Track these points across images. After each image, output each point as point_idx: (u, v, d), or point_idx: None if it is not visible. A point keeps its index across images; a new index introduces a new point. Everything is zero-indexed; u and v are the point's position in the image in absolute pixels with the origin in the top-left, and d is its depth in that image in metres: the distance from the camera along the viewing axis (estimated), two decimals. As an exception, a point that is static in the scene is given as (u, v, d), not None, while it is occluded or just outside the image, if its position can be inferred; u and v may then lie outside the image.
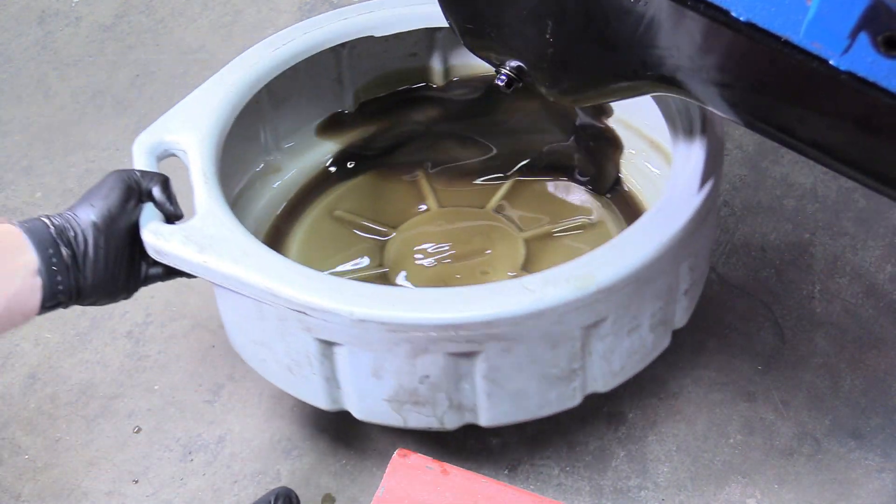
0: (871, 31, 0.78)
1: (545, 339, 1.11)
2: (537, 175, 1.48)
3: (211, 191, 1.19)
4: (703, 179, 1.17)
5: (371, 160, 1.51)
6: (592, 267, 1.09)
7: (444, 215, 1.44)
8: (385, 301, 1.08)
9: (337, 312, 1.07)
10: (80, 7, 1.90)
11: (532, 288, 1.07)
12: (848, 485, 1.27)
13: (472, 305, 1.07)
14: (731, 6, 0.87)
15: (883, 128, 0.86)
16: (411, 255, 1.38)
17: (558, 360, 1.14)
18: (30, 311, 1.03)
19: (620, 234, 1.14)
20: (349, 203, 1.46)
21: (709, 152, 1.20)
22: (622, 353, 1.18)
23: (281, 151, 1.46)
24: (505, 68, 1.14)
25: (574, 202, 1.45)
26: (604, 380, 1.20)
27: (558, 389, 1.17)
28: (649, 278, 1.13)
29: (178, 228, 1.14)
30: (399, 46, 1.45)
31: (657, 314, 1.19)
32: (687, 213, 1.14)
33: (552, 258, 1.36)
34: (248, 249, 1.12)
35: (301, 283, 1.09)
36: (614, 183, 1.44)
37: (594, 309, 1.10)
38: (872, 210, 1.52)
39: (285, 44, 1.37)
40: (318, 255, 1.40)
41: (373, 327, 1.07)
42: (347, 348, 1.12)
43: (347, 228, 1.44)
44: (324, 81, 1.45)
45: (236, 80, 1.32)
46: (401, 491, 0.94)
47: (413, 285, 1.35)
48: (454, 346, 1.09)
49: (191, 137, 1.24)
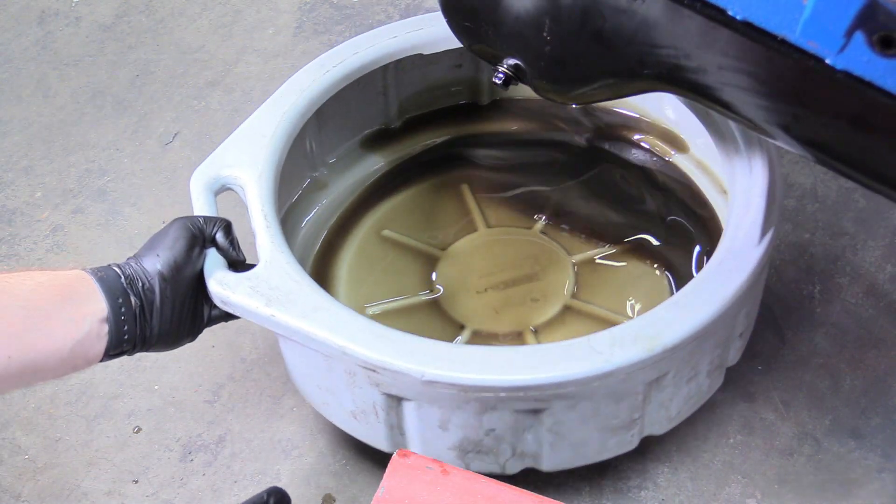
0: (867, 31, 0.78)
1: (610, 395, 1.12)
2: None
3: (274, 236, 1.18)
4: (764, 229, 1.16)
5: (417, 174, 1.50)
6: (659, 327, 1.09)
7: (492, 236, 1.43)
8: (455, 362, 1.08)
9: (407, 373, 1.08)
10: (80, 7, 1.90)
11: (600, 350, 1.08)
12: (848, 485, 1.27)
13: (541, 368, 1.07)
14: (728, 5, 0.87)
15: (878, 126, 0.86)
16: (461, 281, 1.38)
17: (620, 412, 1.15)
18: (93, 358, 1.03)
19: (684, 290, 1.14)
20: (396, 221, 1.45)
21: (770, 197, 1.19)
22: (680, 399, 1.20)
23: (327, 167, 1.46)
24: (503, 66, 1.14)
25: (621, 221, 1.44)
26: (660, 424, 1.22)
27: (618, 437, 1.19)
28: (712, 332, 1.14)
29: (244, 278, 1.13)
30: (444, 58, 1.45)
31: (714, 361, 1.20)
32: (749, 266, 1.14)
33: (602, 286, 1.36)
34: (316, 303, 1.12)
35: (371, 342, 1.09)
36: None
37: (658, 367, 1.11)
38: (872, 210, 1.52)
39: (335, 65, 1.36)
40: (368, 279, 1.39)
41: (442, 387, 1.08)
42: (415, 403, 1.12)
43: (396, 250, 1.43)
44: (369, 95, 1.45)
45: (289, 108, 1.31)
46: (401, 491, 0.94)
47: (464, 314, 1.34)
48: (522, 404, 1.10)
49: (248, 173, 1.24)
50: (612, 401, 1.13)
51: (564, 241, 1.41)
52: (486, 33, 1.13)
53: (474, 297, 1.36)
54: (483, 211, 1.46)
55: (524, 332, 1.32)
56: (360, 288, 1.38)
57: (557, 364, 1.07)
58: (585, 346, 1.08)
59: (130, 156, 1.67)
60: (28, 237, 1.57)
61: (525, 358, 1.09)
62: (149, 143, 1.68)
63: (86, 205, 1.61)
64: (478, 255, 1.41)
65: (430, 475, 0.94)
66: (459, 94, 1.53)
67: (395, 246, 1.43)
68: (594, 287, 1.36)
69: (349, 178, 1.48)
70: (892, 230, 1.49)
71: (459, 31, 1.17)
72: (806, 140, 0.93)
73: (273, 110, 1.31)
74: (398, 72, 1.44)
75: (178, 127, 1.70)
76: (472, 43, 1.17)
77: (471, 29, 1.15)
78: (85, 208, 1.61)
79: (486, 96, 1.53)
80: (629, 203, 1.45)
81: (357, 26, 1.82)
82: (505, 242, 1.42)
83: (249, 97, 1.73)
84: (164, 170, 1.65)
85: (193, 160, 1.64)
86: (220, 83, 1.76)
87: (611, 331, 1.10)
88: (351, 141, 1.49)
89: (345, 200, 1.47)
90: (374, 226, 1.45)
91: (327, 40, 1.80)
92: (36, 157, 1.68)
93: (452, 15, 1.16)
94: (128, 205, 1.61)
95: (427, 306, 1.36)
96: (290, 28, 1.83)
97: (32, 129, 1.72)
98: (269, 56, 1.79)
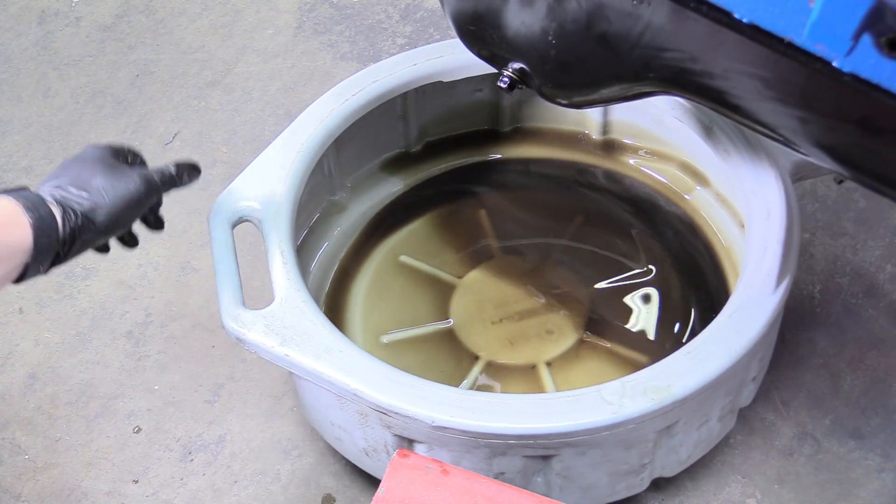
0: (875, 33, 0.77)
1: (620, 443, 1.13)
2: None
3: (289, 273, 1.18)
4: (780, 277, 1.16)
5: (435, 198, 1.50)
6: (669, 378, 1.09)
7: (508, 264, 1.43)
8: (466, 409, 1.08)
9: (418, 418, 1.08)
10: (80, 7, 1.90)
11: (610, 400, 1.08)
12: (848, 485, 1.27)
13: (551, 417, 1.08)
14: (734, 8, 0.87)
15: (885, 129, 0.86)
16: (476, 311, 1.38)
17: (630, 458, 1.16)
18: (18, 249, 0.95)
19: (696, 339, 1.13)
20: (413, 246, 1.45)
21: (787, 243, 1.18)
22: (690, 444, 1.21)
23: (346, 190, 1.46)
24: (508, 70, 1.14)
25: (638, 252, 1.43)
26: (671, 468, 1.23)
27: (628, 481, 1.19)
28: (723, 382, 1.13)
29: (259, 315, 1.14)
30: (464, 84, 1.44)
31: (726, 406, 1.21)
32: (764, 316, 1.14)
33: (618, 318, 1.36)
34: (330, 344, 1.13)
35: (383, 385, 1.10)
36: None
37: (668, 416, 1.11)
38: (872, 210, 1.52)
39: (354, 94, 1.35)
40: (383, 306, 1.39)
41: (452, 433, 1.09)
42: (426, 446, 1.13)
43: (412, 276, 1.42)
44: (389, 120, 1.45)
45: (307, 139, 1.31)
46: (401, 491, 0.94)
47: (479, 345, 1.34)
48: (531, 450, 1.11)
49: (265, 207, 1.24)
50: (622, 448, 1.13)
51: (581, 271, 1.41)
52: (491, 37, 1.13)
53: (489, 328, 1.36)
54: (500, 237, 1.46)
55: (538, 366, 1.32)
56: (375, 314, 1.38)
57: (567, 413, 1.08)
58: (596, 395, 1.08)
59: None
60: (28, 237, 1.57)
61: (535, 406, 1.09)
62: (149, 143, 1.68)
63: (86, 204, 1.61)
64: (493, 283, 1.40)
65: (430, 475, 0.94)
66: (480, 119, 1.52)
67: (412, 272, 1.43)
68: (610, 319, 1.36)
69: (368, 201, 1.48)
70: (892, 230, 1.50)
71: (465, 36, 1.16)
72: (813, 143, 0.93)
73: (291, 141, 1.31)
74: (418, 96, 1.43)
75: (178, 127, 1.70)
76: (478, 47, 1.16)
77: (476, 33, 1.14)
78: (85, 208, 1.60)
79: (507, 123, 1.53)
80: (647, 234, 1.45)
81: (357, 26, 1.82)
82: (521, 271, 1.41)
83: (249, 97, 1.73)
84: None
85: (193, 160, 1.64)
86: (220, 83, 1.76)
87: (622, 380, 1.10)
88: (370, 164, 1.48)
89: (363, 224, 1.46)
90: (392, 251, 1.44)
91: (327, 40, 1.80)
92: (36, 157, 1.67)
93: (458, 19, 1.15)
94: (128, 204, 1.60)
95: (442, 336, 1.36)
96: (290, 28, 1.83)
97: (32, 129, 1.71)
98: (269, 56, 1.79)
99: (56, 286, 1.51)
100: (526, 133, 1.53)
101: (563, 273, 1.41)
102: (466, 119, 1.51)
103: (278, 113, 1.70)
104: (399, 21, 1.83)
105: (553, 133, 1.52)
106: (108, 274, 1.52)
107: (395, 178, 1.50)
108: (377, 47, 1.79)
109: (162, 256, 1.53)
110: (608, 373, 1.30)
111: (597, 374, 1.30)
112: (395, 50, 1.78)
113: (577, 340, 1.33)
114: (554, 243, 1.45)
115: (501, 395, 1.11)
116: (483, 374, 1.31)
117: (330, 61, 1.77)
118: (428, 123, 1.49)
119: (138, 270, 1.52)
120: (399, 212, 1.48)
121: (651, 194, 1.47)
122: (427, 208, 1.49)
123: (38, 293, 1.50)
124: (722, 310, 1.15)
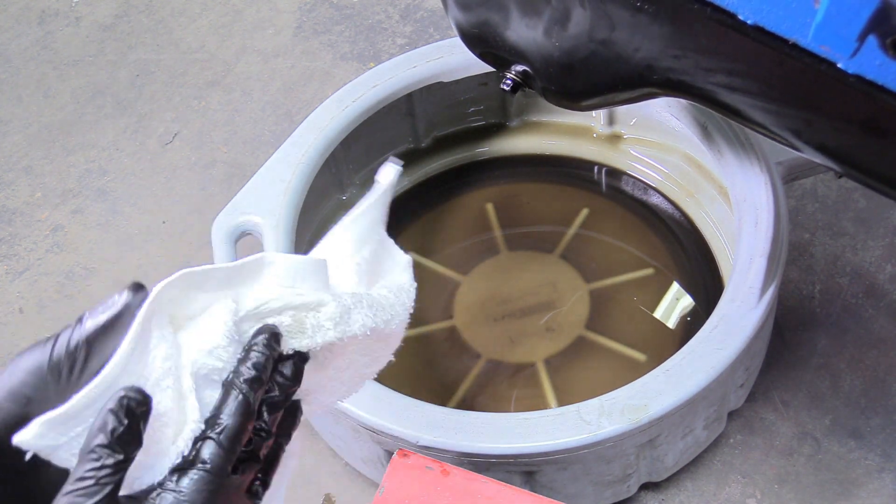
0: (880, 34, 0.77)
1: (600, 459, 1.14)
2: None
3: None
4: (763, 289, 1.16)
5: (442, 193, 1.51)
6: (647, 397, 1.10)
7: (512, 260, 1.43)
8: (449, 430, 1.11)
9: (404, 437, 1.11)
10: (80, 7, 1.90)
11: (588, 419, 1.09)
12: (848, 485, 1.27)
13: (531, 437, 1.10)
14: (739, 9, 0.87)
15: (890, 130, 0.85)
16: (479, 308, 1.39)
17: (613, 470, 1.17)
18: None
19: (677, 355, 1.14)
20: (419, 242, 1.46)
21: (772, 255, 1.19)
22: (676, 453, 1.22)
23: (354, 187, 1.46)
24: (511, 72, 1.14)
25: (640, 249, 1.44)
26: (658, 474, 1.24)
27: (613, 489, 1.21)
28: (703, 397, 1.14)
29: None
30: (469, 79, 1.45)
31: (711, 416, 1.21)
32: (746, 331, 1.14)
33: (618, 315, 1.37)
34: None
35: (371, 405, 1.12)
36: None
37: (648, 433, 1.13)
38: (872, 210, 1.52)
39: (354, 100, 1.36)
40: None
41: (437, 452, 1.11)
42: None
43: (417, 272, 1.42)
44: (395, 118, 1.45)
45: (307, 149, 1.32)
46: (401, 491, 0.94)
47: (481, 343, 1.36)
48: (514, 467, 1.13)
49: (266, 221, 1.25)
50: (603, 462, 1.15)
51: (584, 267, 1.42)
52: (494, 40, 1.13)
53: (491, 325, 1.37)
54: (505, 232, 1.46)
55: (537, 364, 1.34)
56: None
57: (547, 433, 1.10)
58: (574, 415, 1.10)
59: (130, 156, 1.67)
60: (28, 237, 1.57)
61: (516, 426, 1.11)
62: (149, 142, 1.68)
63: (86, 205, 1.61)
64: (497, 279, 1.41)
65: (430, 475, 0.94)
66: (488, 113, 1.53)
67: (417, 268, 1.43)
68: (610, 316, 1.37)
69: None
70: (892, 230, 1.50)
71: (468, 38, 1.16)
72: (817, 145, 0.93)
73: (292, 152, 1.31)
74: (424, 93, 1.44)
75: (178, 127, 1.70)
76: (481, 49, 1.16)
77: (479, 36, 1.14)
78: (85, 208, 1.60)
79: (514, 117, 1.54)
80: (650, 232, 1.45)
81: (357, 26, 1.82)
82: (524, 267, 1.43)
83: (249, 97, 1.73)
84: (164, 169, 1.64)
85: (193, 160, 1.64)
86: (220, 83, 1.76)
87: (600, 399, 1.11)
88: (379, 161, 1.48)
89: None
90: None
91: (327, 40, 1.80)
92: (36, 157, 1.67)
93: (461, 22, 1.15)
94: (128, 205, 1.61)
95: (445, 333, 1.37)
96: (290, 28, 1.83)
97: (32, 129, 1.71)
98: (269, 56, 1.79)
99: (56, 286, 1.51)
100: (533, 128, 1.54)
101: (566, 268, 1.42)
102: (474, 112, 1.52)
103: (278, 113, 1.70)
104: (399, 21, 1.83)
105: (561, 128, 1.53)
106: (108, 274, 1.52)
107: (403, 174, 1.50)
108: (377, 47, 1.79)
109: (162, 256, 1.53)
110: (607, 371, 1.31)
111: (596, 371, 1.32)
112: (395, 50, 1.78)
113: (576, 338, 1.35)
114: (558, 237, 1.46)
115: (484, 414, 1.14)
116: (483, 374, 1.32)
117: (330, 61, 1.77)
118: (436, 117, 1.50)
119: (138, 270, 1.52)
120: (406, 207, 1.49)
121: (658, 190, 1.48)
122: (435, 203, 1.50)
123: (38, 293, 1.50)
124: (704, 324, 1.16)
